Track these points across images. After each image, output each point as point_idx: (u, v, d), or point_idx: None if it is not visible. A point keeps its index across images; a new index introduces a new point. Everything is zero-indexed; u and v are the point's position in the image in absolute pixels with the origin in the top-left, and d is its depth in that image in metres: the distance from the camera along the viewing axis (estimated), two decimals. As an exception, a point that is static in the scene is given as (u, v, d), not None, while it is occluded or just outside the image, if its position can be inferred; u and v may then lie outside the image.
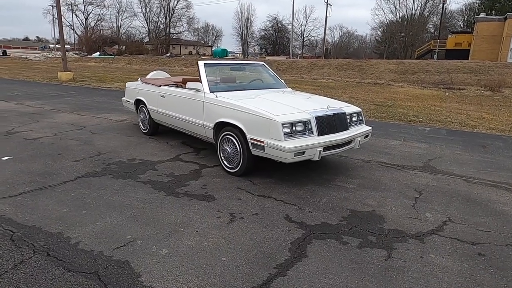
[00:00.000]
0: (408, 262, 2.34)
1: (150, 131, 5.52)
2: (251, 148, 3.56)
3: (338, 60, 29.28)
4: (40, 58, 36.86)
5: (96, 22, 60.23)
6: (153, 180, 3.66)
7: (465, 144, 5.70)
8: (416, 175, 4.10)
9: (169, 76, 6.38)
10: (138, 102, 5.66)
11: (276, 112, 3.43)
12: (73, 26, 60.42)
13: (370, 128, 4.22)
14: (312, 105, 3.80)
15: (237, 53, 70.90)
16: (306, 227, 2.76)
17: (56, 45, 65.50)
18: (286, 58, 35.29)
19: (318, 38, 68.56)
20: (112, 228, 2.64)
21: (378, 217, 2.98)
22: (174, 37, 63.89)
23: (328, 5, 40.67)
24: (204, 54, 61.88)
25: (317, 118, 3.53)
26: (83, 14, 59.52)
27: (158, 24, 61.48)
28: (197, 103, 4.21)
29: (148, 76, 6.31)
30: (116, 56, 41.02)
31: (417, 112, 8.75)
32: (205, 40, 76.25)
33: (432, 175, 4.15)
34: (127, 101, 6.08)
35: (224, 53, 51.83)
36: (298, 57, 56.08)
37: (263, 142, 3.39)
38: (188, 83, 4.25)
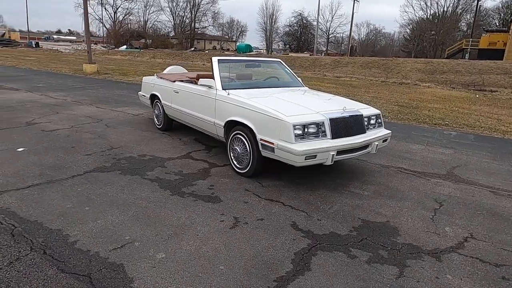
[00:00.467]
0: (421, 282, 2.14)
1: (164, 127, 5.49)
2: (261, 149, 3.42)
3: (363, 58, 28.55)
4: (70, 51, 38.03)
5: (124, 16, 61.50)
6: (160, 178, 3.59)
7: (494, 152, 5.33)
8: (438, 184, 3.84)
9: (186, 72, 6.33)
10: (153, 97, 5.63)
11: (288, 112, 3.27)
12: (102, 19, 62.04)
13: (390, 132, 3.98)
14: (327, 106, 3.61)
15: (261, 49, 70.61)
16: (312, 236, 2.60)
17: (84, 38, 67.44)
18: (310, 55, 34.75)
19: (344, 35, 67.22)
20: (112, 228, 2.58)
21: (392, 229, 2.78)
22: (199, 31, 64.34)
23: (355, 1, 39.67)
24: (228, 49, 62.07)
25: (332, 120, 3.35)
26: (112, 8, 60.89)
27: (184, 18, 62.05)
28: (209, 100, 4.11)
29: (165, 71, 6.28)
30: (141, 50, 41.75)
31: (443, 115, 8.32)
32: (229, 35, 76.36)
33: (455, 184, 3.87)
34: (143, 95, 6.07)
35: (248, 49, 51.74)
36: (323, 54, 55.16)
37: (273, 143, 3.24)
38: (200, 79, 4.15)
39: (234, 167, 3.84)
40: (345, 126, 3.44)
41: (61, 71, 15.41)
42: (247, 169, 3.66)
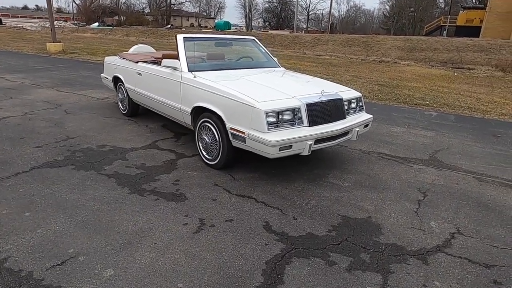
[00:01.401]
0: (407, 292, 1.90)
1: (129, 112, 5.02)
2: (231, 138, 3.07)
3: (343, 35, 28.14)
4: (36, 28, 35.67)
5: (96, -10, 58.07)
6: (119, 173, 3.20)
7: (475, 133, 5.18)
8: (421, 171, 3.62)
9: (153, 51, 5.80)
10: (116, 80, 5.12)
11: (260, 97, 2.91)
12: (71, -6, 58.47)
13: (371, 116, 3.70)
14: (303, 90, 3.27)
15: (241, 26, 68.80)
16: (287, 239, 2.32)
17: (54, 15, 63.68)
18: (290, 33, 34.01)
19: (324, 12, 66.44)
20: (54, 238, 2.21)
21: (374, 227, 2.53)
22: (175, 8, 61.79)
23: (335, -24, 38.69)
24: (206, 27, 60.04)
25: (309, 105, 3.01)
26: (82, -18, 57.28)
27: (159, -7, 59.24)
28: (174, 84, 3.68)
29: (130, 50, 5.74)
30: (114, 27, 39.68)
31: (423, 94, 8.16)
32: (207, 12, 73.88)
33: (438, 170, 3.66)
34: (105, 77, 5.54)
35: (226, 26, 50.14)
36: (303, 32, 54.26)
37: (244, 133, 2.90)
38: (164, 60, 3.70)
39: (203, 158, 3.49)
40: (323, 111, 3.12)
41: (23, 50, 14.30)
42: (217, 160, 3.31)
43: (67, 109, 5.41)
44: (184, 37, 3.87)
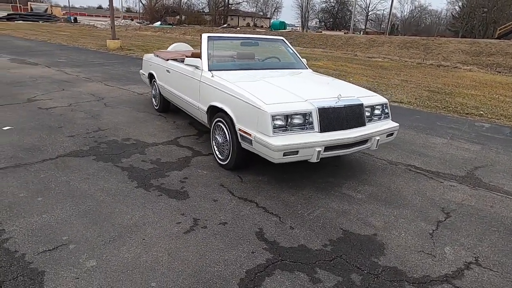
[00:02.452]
0: (392, 324, 1.70)
1: (160, 108, 5.20)
2: (240, 140, 3.02)
3: (401, 37, 26.65)
4: (105, 26, 38.71)
5: (161, -9, 61.44)
6: (134, 167, 3.31)
7: (532, 150, 4.56)
8: (451, 188, 3.27)
9: (191, 49, 5.94)
10: (151, 76, 5.33)
11: (269, 100, 2.82)
12: (138, -5, 62.54)
13: (397, 125, 3.42)
14: (320, 93, 3.10)
15: (297, 27, 68.38)
16: (276, 249, 2.21)
17: (123, 14, 68.66)
18: (344, 33, 33.00)
19: (384, 12, 63.36)
20: (55, 224, 2.33)
21: (377, 246, 2.32)
22: (232, 8, 63.22)
23: (399, -26, 36.70)
24: (261, 26, 60.62)
25: (321, 109, 2.85)
26: (149, -17, 60.94)
27: (218, -6, 60.96)
28: (194, 82, 3.73)
29: (169, 48, 5.94)
30: (174, 26, 41.69)
31: (479, 103, 7.40)
32: (263, 12, 74.47)
33: (472, 189, 3.28)
34: (143, 74, 5.79)
35: (282, 26, 50.07)
36: (362, 33, 52.33)
37: (250, 135, 2.83)
38: (186, 58, 3.75)
39: (216, 158, 3.48)
40: (338, 117, 2.94)
41: (87, 46, 15.56)
42: (228, 161, 3.28)
43: (108, 102, 5.75)
44: (208, 36, 3.90)
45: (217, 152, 3.45)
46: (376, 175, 3.47)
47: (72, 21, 43.42)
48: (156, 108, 5.32)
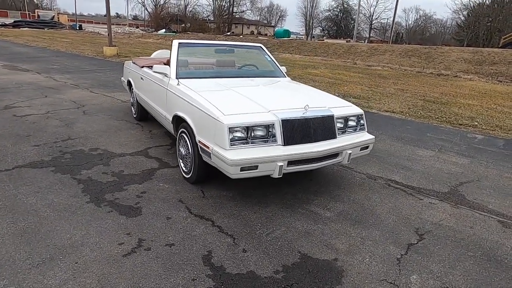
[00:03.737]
0: None
1: (138, 116, 5.03)
2: (200, 152, 2.82)
3: (403, 45, 26.51)
4: (109, 33, 39.04)
5: (166, 0, 62.19)
6: (92, 179, 3.12)
7: (524, 164, 4.31)
8: (430, 206, 3.03)
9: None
10: (130, 84, 5.18)
11: (229, 110, 2.63)
12: (144, 3, 63.41)
13: (372, 137, 3.20)
14: (288, 103, 2.91)
15: (302, 35, 68.62)
16: (220, 276, 2.00)
17: (128, 21, 69.47)
18: (346, 42, 32.89)
19: (389, 21, 63.28)
20: (-16, 244, 2.14)
21: (335, 273, 2.09)
22: (237, 16, 63.63)
23: (401, -17, 36.64)
24: (266, 34, 60.85)
25: (285, 121, 2.65)
26: (154, -9, 61.72)
27: (222, 2, 61.52)
28: (162, 90, 3.56)
29: (152, 55, 5.81)
30: (177, 34, 41.94)
31: (475, 114, 7.15)
32: (268, 20, 74.89)
33: (454, 208, 3.04)
34: (123, 81, 5.65)
35: (286, 34, 50.24)
36: (366, 41, 52.20)
37: (208, 147, 2.63)
38: (154, 66, 3.58)
39: (181, 171, 3.28)
40: (304, 129, 2.73)
41: (85, 53, 15.56)
42: (190, 174, 3.08)
43: (87, 110, 5.60)
44: (179, 42, 3.74)
45: (182, 165, 3.26)
46: (351, 190, 3.25)
47: (77, 28, 43.89)
48: (135, 116, 5.16)
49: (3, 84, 7.32)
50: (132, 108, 5.24)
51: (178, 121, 3.24)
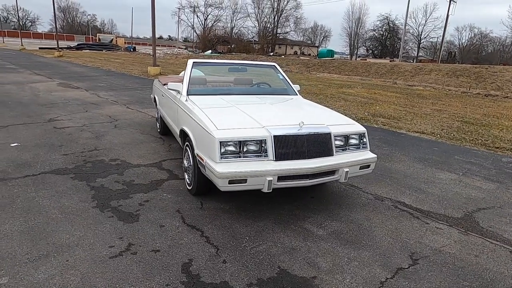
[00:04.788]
0: None
1: (162, 131, 5.33)
2: (198, 165, 2.95)
3: (452, 65, 25.30)
4: (159, 54, 41.66)
5: (213, 22, 65.36)
6: (104, 187, 3.36)
7: (561, 193, 3.90)
8: (435, 231, 2.87)
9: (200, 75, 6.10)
10: (155, 100, 5.52)
11: (222, 125, 2.74)
12: (193, 26, 67.09)
13: (374, 156, 3.13)
14: (284, 120, 2.96)
15: (347, 55, 68.20)
16: (193, 285, 2.06)
17: (179, 43, 73.74)
18: (390, 61, 32.09)
19: (439, 40, 60.81)
20: (-4, 238, 2.40)
21: (309, 291, 2.06)
22: (280, 37, 64.95)
23: (451, 1, 35.40)
24: (309, 55, 61.30)
25: (277, 137, 2.70)
26: (203, 15, 65.25)
27: (267, 24, 63.26)
28: (174, 106, 3.78)
29: (180, 74, 6.16)
30: (222, 54, 43.68)
31: (518, 137, 6.61)
32: (312, 40, 75.46)
33: (462, 234, 2.85)
34: (152, 98, 6.03)
35: (329, 54, 50.31)
36: (414, 60, 50.51)
37: (203, 160, 2.75)
38: (169, 83, 3.83)
39: (186, 182, 3.43)
40: (298, 145, 2.76)
41: (132, 72, 16.76)
42: (192, 186, 3.21)
43: (119, 124, 6.04)
44: (194, 62, 3.97)
45: (186, 177, 3.41)
46: (352, 210, 3.17)
47: (131, 50, 47.40)
48: (159, 131, 5.47)
49: (54, 100, 8.12)
50: (157, 123, 5.56)
51: (184, 135, 3.41)
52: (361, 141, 3.14)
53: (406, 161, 4.76)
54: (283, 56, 42.61)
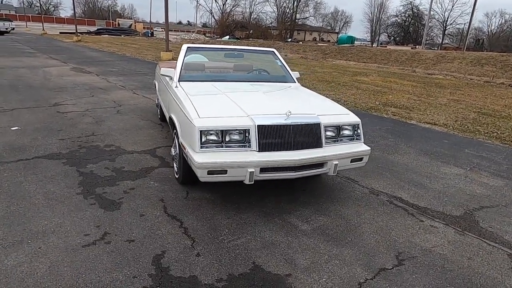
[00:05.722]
0: None
1: (161, 117, 5.27)
2: (183, 154, 2.87)
3: (476, 53, 24.14)
4: (176, 39, 41.66)
5: (232, 7, 64.65)
6: (93, 173, 3.34)
7: None
8: (429, 230, 2.71)
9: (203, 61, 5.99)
10: (155, 86, 5.46)
11: (205, 113, 2.63)
12: (211, 11, 66.56)
13: (367, 149, 2.96)
14: (271, 108, 2.82)
15: (368, 41, 66.26)
16: (161, 278, 2.00)
17: (197, 28, 73.51)
18: (411, 48, 30.92)
19: (466, 26, 58.11)
20: (-25, 223, 2.41)
21: (281, 289, 1.97)
22: (299, 22, 63.62)
23: (480, -15, 33.41)
24: (328, 41, 59.94)
25: (261, 126, 2.58)
26: (222, 0, 64.53)
27: (286, 9, 62.01)
28: (167, 92, 3.69)
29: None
30: (239, 40, 43.24)
31: (538, 130, 6.21)
32: (332, 26, 73.62)
33: (458, 234, 2.68)
34: (154, 83, 5.97)
35: (349, 40, 48.97)
36: (439, 48, 48.55)
37: (185, 148, 2.67)
38: (162, 69, 3.74)
39: (174, 171, 3.36)
40: (283, 136, 2.62)
41: (146, 57, 16.78)
42: (178, 175, 3.15)
43: (122, 109, 6.03)
44: (188, 47, 3.85)
45: (174, 165, 3.34)
46: (343, 205, 3.03)
47: (149, 35, 47.53)
48: (159, 117, 5.42)
49: (63, 84, 8.20)
50: (158, 109, 5.51)
51: (172, 122, 3.33)
52: (355, 132, 2.98)
53: (411, 154, 4.54)
54: (301, 42, 41.79)
